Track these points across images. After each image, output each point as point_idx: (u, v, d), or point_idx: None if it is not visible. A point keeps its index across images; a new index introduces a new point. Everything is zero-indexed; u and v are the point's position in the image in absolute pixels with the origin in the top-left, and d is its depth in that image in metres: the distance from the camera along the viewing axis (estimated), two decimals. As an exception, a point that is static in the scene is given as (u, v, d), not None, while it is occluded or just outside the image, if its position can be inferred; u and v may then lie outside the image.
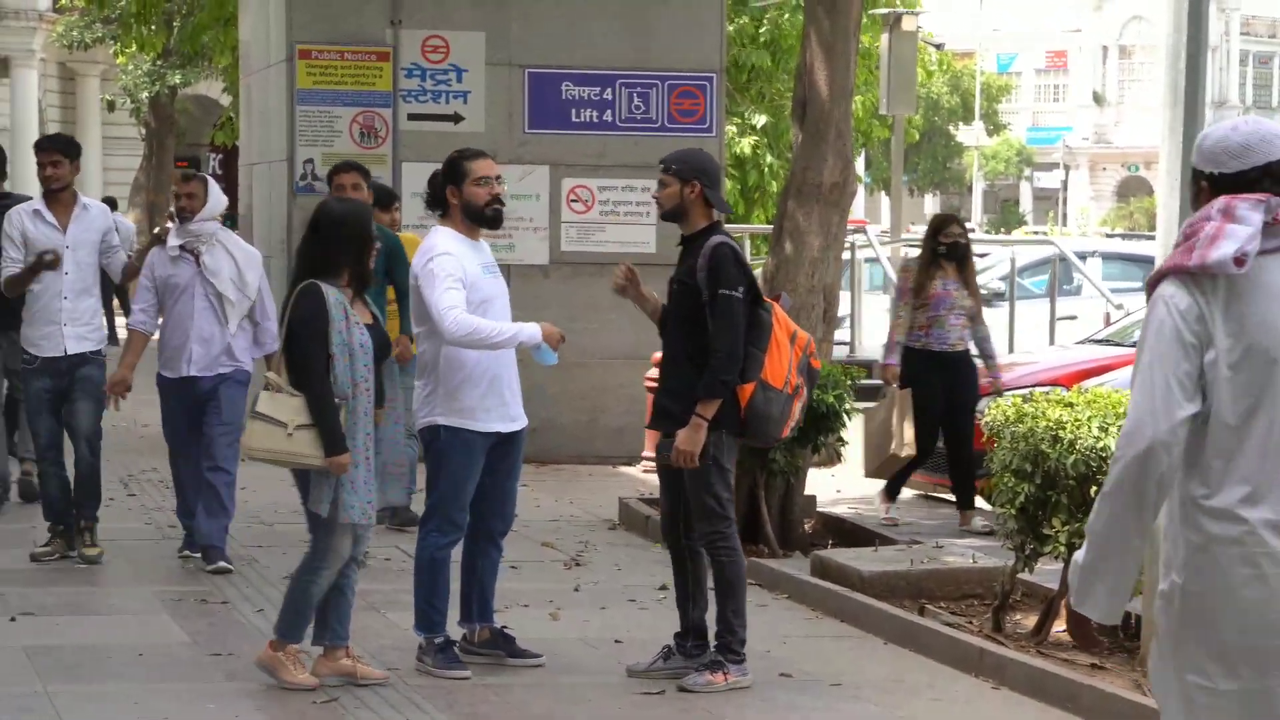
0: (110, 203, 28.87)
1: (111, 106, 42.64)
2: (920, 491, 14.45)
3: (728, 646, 8.46)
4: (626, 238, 15.93)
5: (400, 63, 15.61)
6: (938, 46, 34.21)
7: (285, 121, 15.65)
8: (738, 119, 24.04)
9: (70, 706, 7.90)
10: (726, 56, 18.24)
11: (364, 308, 8.28)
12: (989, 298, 16.89)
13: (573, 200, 15.88)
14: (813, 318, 12.21)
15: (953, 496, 13.22)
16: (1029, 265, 22.25)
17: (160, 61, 35.86)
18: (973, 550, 10.94)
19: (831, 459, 14.85)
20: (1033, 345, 18.19)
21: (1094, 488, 8.56)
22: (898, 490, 13.12)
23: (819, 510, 12.56)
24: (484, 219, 8.56)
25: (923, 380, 12.65)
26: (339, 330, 8.02)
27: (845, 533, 12.17)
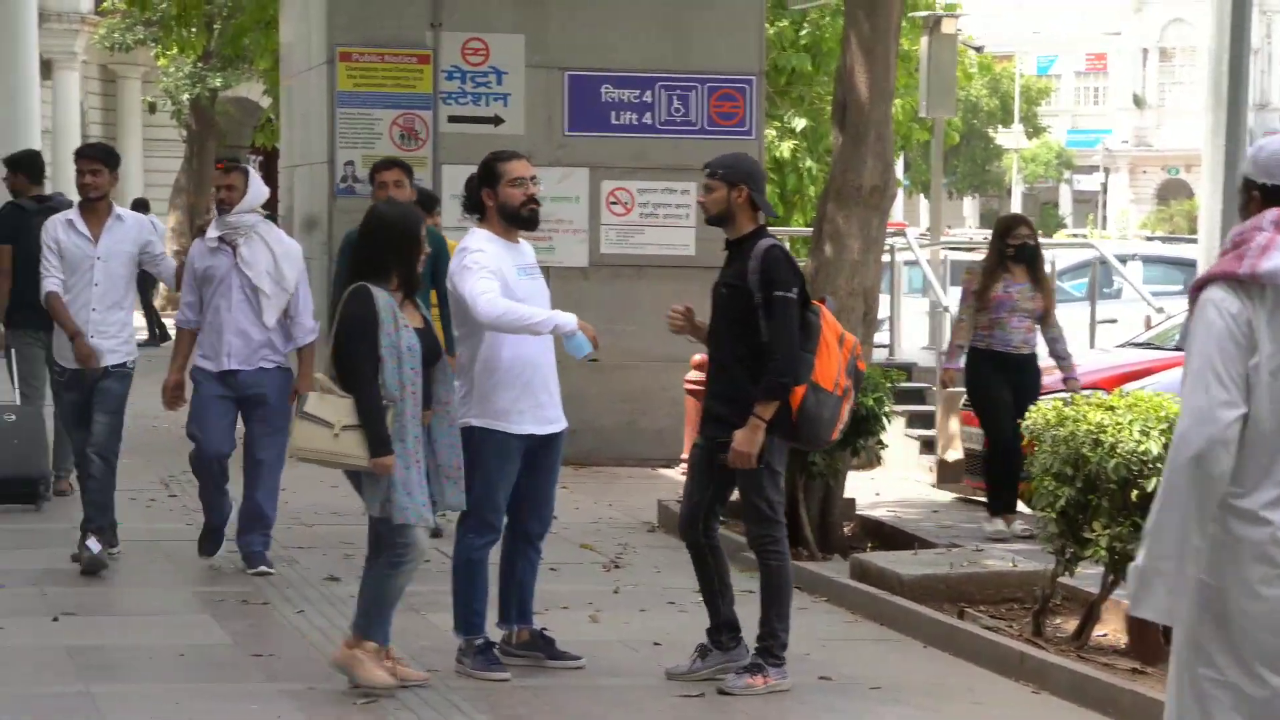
0: (143, 205, 28.93)
1: (153, 109, 42.76)
2: (960, 495, 14.43)
3: (769, 650, 8.44)
4: (666, 240, 15.94)
5: (440, 65, 15.65)
6: (978, 49, 34.15)
7: (326, 124, 15.70)
8: (777, 122, 24.00)
9: (111, 706, 7.93)
10: (766, 60, 18.23)
11: (414, 311, 8.26)
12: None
13: (612, 203, 15.90)
14: (852, 320, 12.17)
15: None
16: (1069, 268, 22.15)
17: (201, 64, 35.99)
18: (1013, 554, 10.92)
19: (871, 462, 14.84)
20: (1073, 349, 18.10)
21: (1135, 491, 8.55)
22: (1002, 501, 12.55)
23: (858, 513, 12.54)
24: (520, 220, 8.54)
25: (984, 378, 12.44)
26: (388, 333, 8.01)
27: (885, 536, 12.15)
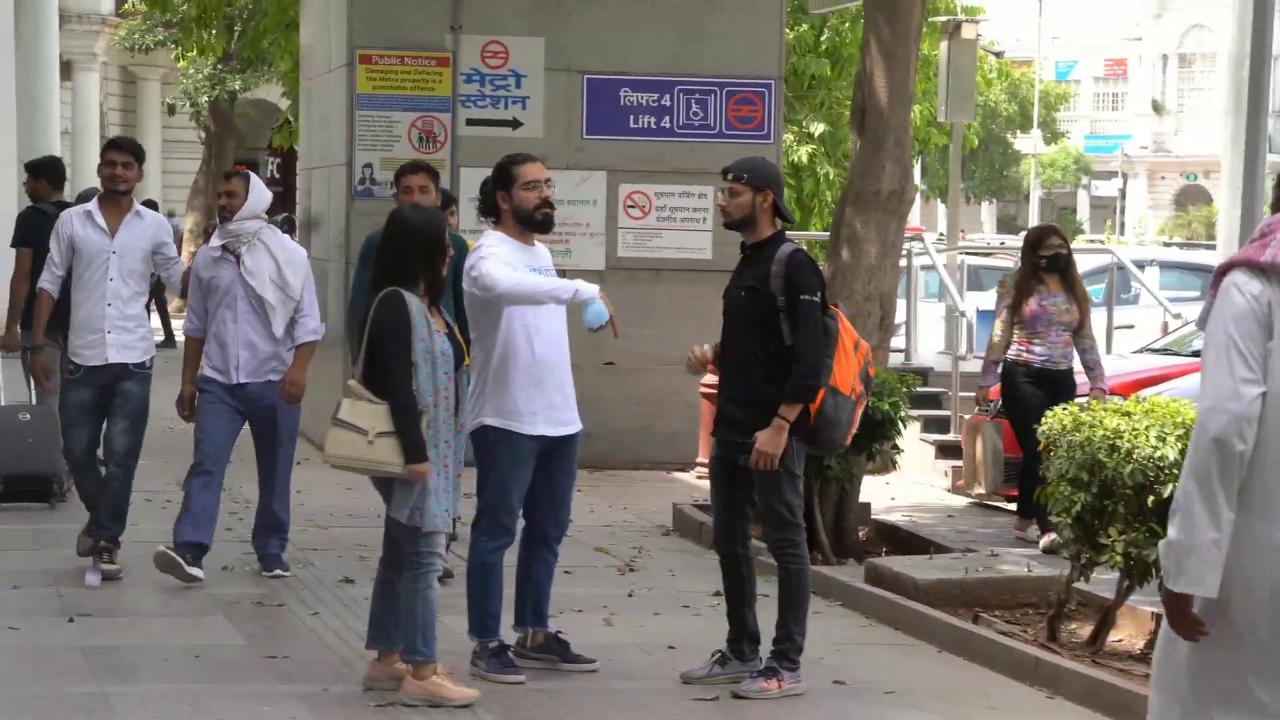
0: (151, 206, 28.92)
1: (172, 110, 42.86)
2: (976, 500, 14.41)
3: (785, 654, 8.44)
4: (683, 244, 15.95)
5: (460, 68, 15.66)
6: (997, 55, 34.08)
7: (345, 126, 15.72)
8: (795, 127, 23.99)
9: (127, 707, 7.94)
10: (786, 64, 18.22)
11: (438, 315, 8.21)
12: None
13: (630, 206, 15.90)
14: (869, 325, 12.18)
15: (1013, 505, 13.11)
16: (1086, 273, 21.92)
17: (220, 66, 36.06)
18: (1028, 559, 10.91)
19: (886, 466, 14.83)
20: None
21: (1151, 497, 8.54)
22: (1032, 508, 11.97)
23: (873, 518, 12.54)
24: (534, 223, 8.54)
25: (1019, 391, 12.14)
26: (421, 338, 7.95)
27: (900, 540, 12.15)
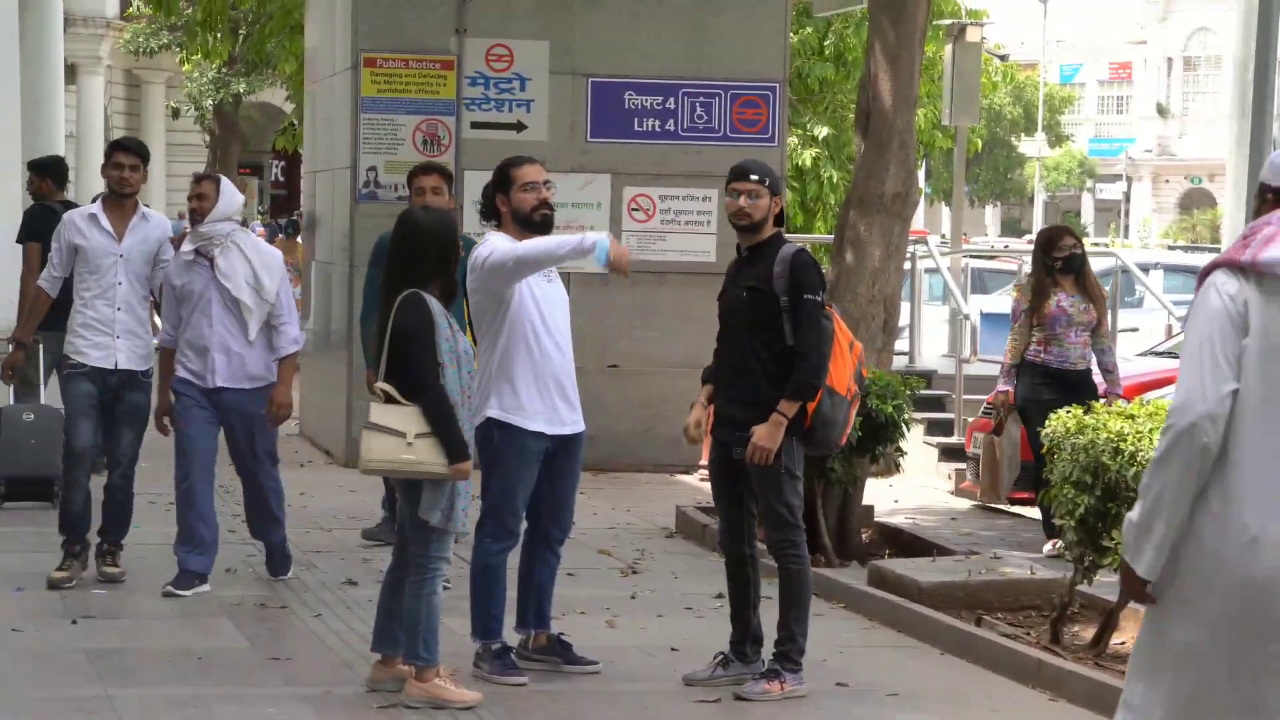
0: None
1: (176, 114, 42.94)
2: (979, 502, 14.42)
3: (787, 655, 8.44)
4: (687, 246, 15.95)
5: (464, 71, 15.66)
6: (1002, 58, 34.08)
7: (349, 129, 15.72)
8: (799, 130, 24.01)
9: (130, 710, 7.94)
10: (790, 68, 18.23)
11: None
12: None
13: (634, 209, 15.90)
14: (873, 328, 12.19)
15: (1019, 509, 13.10)
16: (1090, 277, 22.11)
17: (225, 69, 36.10)
18: (1031, 561, 10.91)
19: (889, 469, 14.84)
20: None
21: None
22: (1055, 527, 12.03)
23: (876, 520, 12.55)
24: (533, 225, 8.53)
25: (1040, 394, 11.96)
26: (445, 338, 7.92)
27: (903, 543, 12.15)
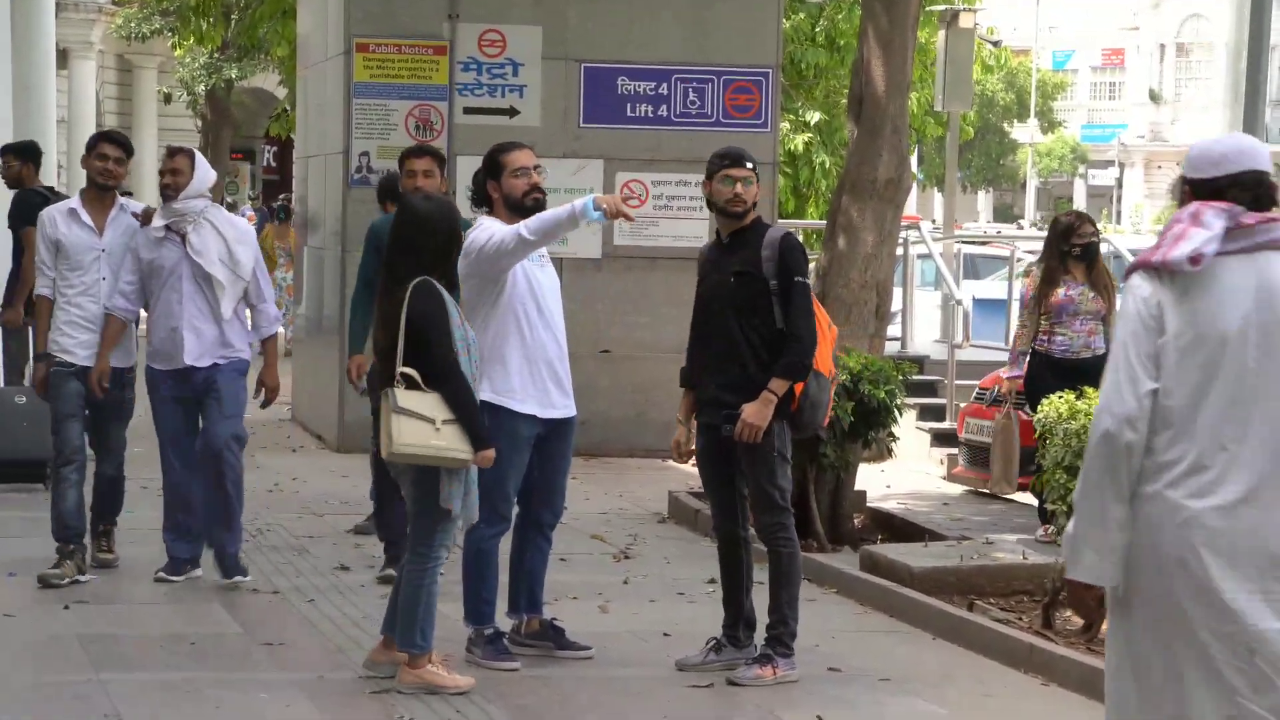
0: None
1: (168, 99, 42.86)
2: (970, 488, 14.44)
3: (779, 639, 8.46)
4: (679, 232, 15.95)
5: (457, 56, 15.66)
6: (994, 44, 34.01)
7: (342, 114, 15.72)
8: (791, 116, 24.00)
9: (124, 695, 7.94)
10: (783, 53, 18.22)
11: None
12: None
13: (627, 195, 15.91)
14: (865, 313, 12.21)
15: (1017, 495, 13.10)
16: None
17: (217, 55, 36.05)
18: (1023, 547, 10.94)
19: (882, 454, 14.85)
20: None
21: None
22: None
23: (869, 505, 12.56)
24: (524, 210, 8.51)
25: (1044, 382, 11.81)
26: (456, 325, 7.92)
27: (895, 528, 12.17)
